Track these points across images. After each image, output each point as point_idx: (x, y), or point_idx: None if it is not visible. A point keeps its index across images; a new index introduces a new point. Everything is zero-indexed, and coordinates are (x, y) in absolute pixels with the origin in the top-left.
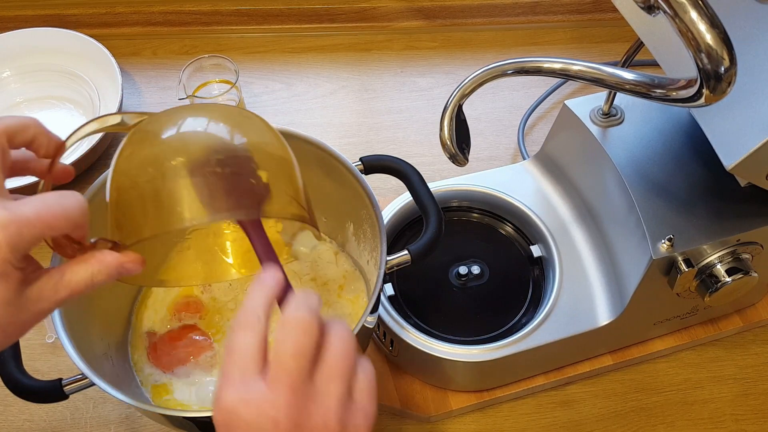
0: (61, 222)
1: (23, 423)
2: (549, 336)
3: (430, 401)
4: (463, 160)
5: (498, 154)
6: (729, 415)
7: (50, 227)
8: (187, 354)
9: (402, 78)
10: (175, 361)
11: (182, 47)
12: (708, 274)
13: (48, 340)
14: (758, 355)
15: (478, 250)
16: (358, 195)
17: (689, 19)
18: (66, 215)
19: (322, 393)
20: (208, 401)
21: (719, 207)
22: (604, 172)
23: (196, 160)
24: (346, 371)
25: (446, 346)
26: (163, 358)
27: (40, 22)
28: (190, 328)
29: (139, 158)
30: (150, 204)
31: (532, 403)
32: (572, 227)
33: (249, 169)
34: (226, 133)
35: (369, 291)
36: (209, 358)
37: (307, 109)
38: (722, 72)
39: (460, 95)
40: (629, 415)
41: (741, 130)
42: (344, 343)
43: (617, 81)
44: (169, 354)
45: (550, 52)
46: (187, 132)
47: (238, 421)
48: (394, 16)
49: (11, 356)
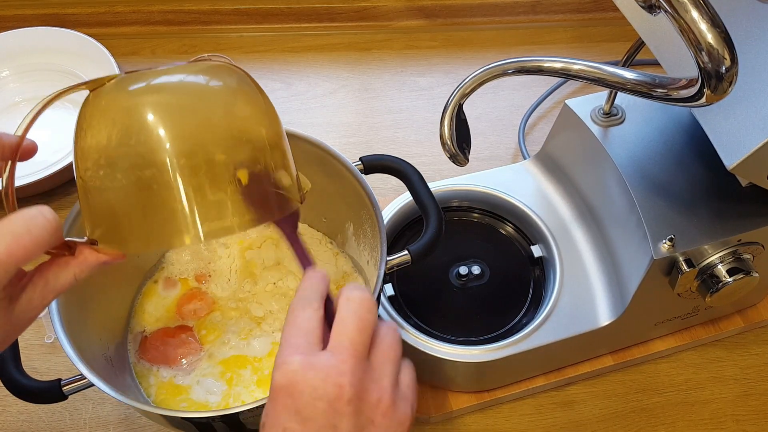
0: (34, 249)
1: (22, 423)
2: (549, 336)
3: (430, 402)
4: (463, 159)
5: (498, 153)
6: (730, 415)
7: (24, 258)
8: (176, 355)
9: (402, 77)
10: (162, 357)
11: (181, 46)
12: (709, 274)
13: (47, 340)
14: (759, 355)
15: (479, 250)
16: (358, 195)
17: (690, 18)
18: (36, 242)
19: (379, 371)
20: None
21: (720, 207)
22: (605, 172)
23: (207, 157)
24: (397, 358)
25: (446, 346)
26: (151, 351)
27: (39, 22)
28: (185, 329)
29: (116, 139)
30: (138, 209)
31: (532, 404)
32: (573, 227)
33: (269, 168)
34: (232, 117)
35: (369, 291)
36: (194, 361)
37: (306, 109)
38: (723, 71)
39: (461, 95)
40: (630, 415)
41: (742, 129)
42: (395, 333)
43: (618, 80)
44: (157, 349)
45: (551, 52)
46: (181, 107)
47: (303, 385)
48: (394, 15)
49: (10, 357)
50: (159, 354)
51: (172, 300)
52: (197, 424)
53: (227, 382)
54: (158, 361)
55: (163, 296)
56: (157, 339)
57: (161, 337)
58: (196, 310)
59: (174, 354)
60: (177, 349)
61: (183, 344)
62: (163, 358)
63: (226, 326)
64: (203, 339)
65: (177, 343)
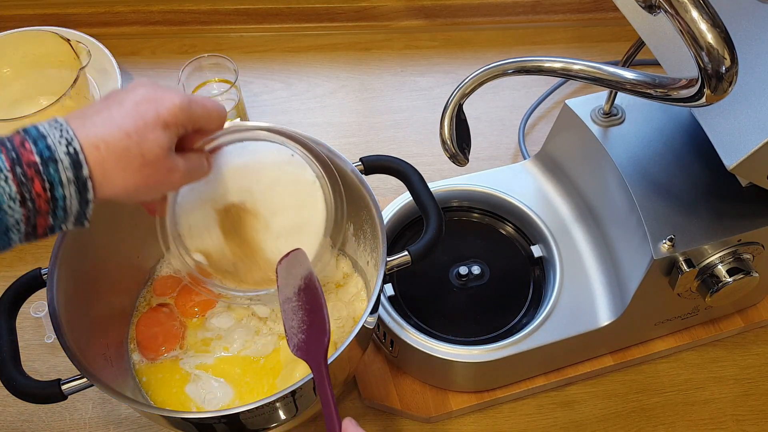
0: (213, 114)
1: (22, 424)
2: (549, 336)
3: (430, 401)
4: (463, 159)
5: (498, 153)
6: (730, 415)
7: (206, 112)
8: (158, 343)
9: (402, 77)
10: (152, 343)
11: (181, 46)
12: (709, 274)
13: (47, 340)
14: (759, 355)
15: (479, 250)
16: (358, 195)
17: (690, 18)
18: (218, 109)
19: None
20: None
21: (720, 207)
22: (605, 172)
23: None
24: None
25: (446, 346)
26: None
27: (39, 22)
28: (162, 308)
29: None
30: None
31: (532, 404)
32: (573, 227)
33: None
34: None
35: (369, 291)
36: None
37: (306, 109)
38: (723, 71)
39: (461, 95)
40: (630, 415)
41: (742, 129)
42: None
43: (618, 80)
44: (143, 333)
45: (551, 52)
46: None
47: None
48: (393, 15)
49: (10, 357)
50: (149, 338)
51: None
52: (197, 424)
53: (228, 381)
54: (150, 347)
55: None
56: (143, 325)
57: (146, 322)
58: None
59: (163, 339)
60: (166, 334)
61: (168, 331)
62: (153, 343)
63: (229, 325)
64: (204, 341)
65: (164, 330)
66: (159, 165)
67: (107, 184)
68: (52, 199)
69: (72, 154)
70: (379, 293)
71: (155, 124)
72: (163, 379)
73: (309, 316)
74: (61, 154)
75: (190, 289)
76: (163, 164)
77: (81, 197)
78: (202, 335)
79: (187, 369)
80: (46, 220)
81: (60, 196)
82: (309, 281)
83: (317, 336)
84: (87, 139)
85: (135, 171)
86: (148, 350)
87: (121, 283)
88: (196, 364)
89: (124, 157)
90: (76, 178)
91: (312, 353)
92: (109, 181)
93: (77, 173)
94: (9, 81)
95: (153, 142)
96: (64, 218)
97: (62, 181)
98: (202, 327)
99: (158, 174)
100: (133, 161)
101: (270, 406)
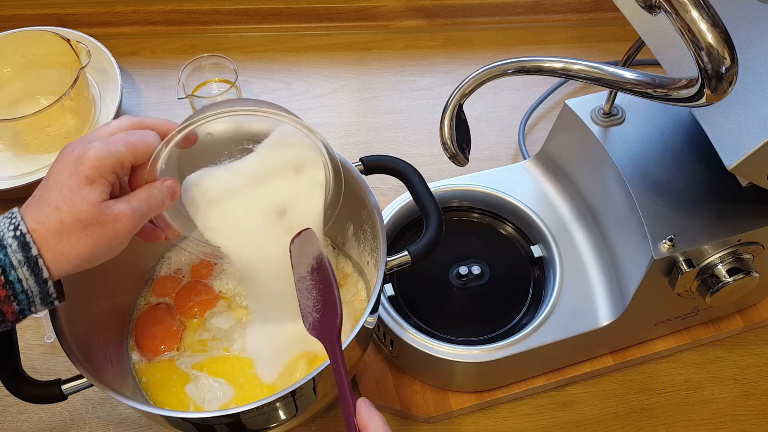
0: (140, 147)
1: (22, 424)
2: (549, 336)
3: (430, 402)
4: (463, 159)
5: (498, 153)
6: (730, 415)
7: (131, 148)
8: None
9: (402, 77)
10: (151, 342)
11: (181, 46)
12: (709, 274)
13: (47, 340)
14: (759, 355)
15: (479, 250)
16: (358, 195)
17: (690, 18)
18: (145, 140)
19: None
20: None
21: (720, 207)
22: (605, 172)
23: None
24: None
25: (446, 346)
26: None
27: (39, 22)
28: (161, 307)
29: None
30: None
31: (532, 404)
32: (573, 227)
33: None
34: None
35: (369, 291)
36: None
37: (306, 109)
38: (723, 71)
39: (461, 95)
40: (630, 415)
41: (742, 129)
42: None
43: (618, 80)
44: (143, 333)
45: (551, 52)
46: None
47: None
48: (393, 15)
49: (10, 357)
50: (148, 337)
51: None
52: (197, 424)
53: (228, 381)
54: (149, 346)
55: None
56: (143, 324)
57: (145, 320)
58: (197, 304)
59: (162, 337)
60: (165, 332)
61: (168, 330)
62: (152, 342)
63: (229, 326)
64: (204, 341)
65: (163, 328)
66: (100, 220)
67: (60, 258)
68: (7, 283)
69: (19, 236)
70: (379, 293)
71: (79, 186)
72: (163, 379)
73: (323, 295)
74: (9, 239)
75: (189, 289)
76: (103, 218)
77: (36, 277)
78: (201, 335)
79: (186, 369)
80: (10, 306)
81: (14, 279)
82: (320, 261)
83: (330, 316)
84: (30, 223)
85: (79, 237)
86: (147, 349)
87: (121, 284)
88: (195, 364)
89: (61, 229)
90: (26, 259)
91: (326, 333)
92: (60, 255)
93: (27, 254)
94: (9, 81)
95: (83, 202)
96: (27, 302)
97: (13, 264)
98: (201, 327)
99: (104, 229)
100: (72, 229)
101: (270, 406)
